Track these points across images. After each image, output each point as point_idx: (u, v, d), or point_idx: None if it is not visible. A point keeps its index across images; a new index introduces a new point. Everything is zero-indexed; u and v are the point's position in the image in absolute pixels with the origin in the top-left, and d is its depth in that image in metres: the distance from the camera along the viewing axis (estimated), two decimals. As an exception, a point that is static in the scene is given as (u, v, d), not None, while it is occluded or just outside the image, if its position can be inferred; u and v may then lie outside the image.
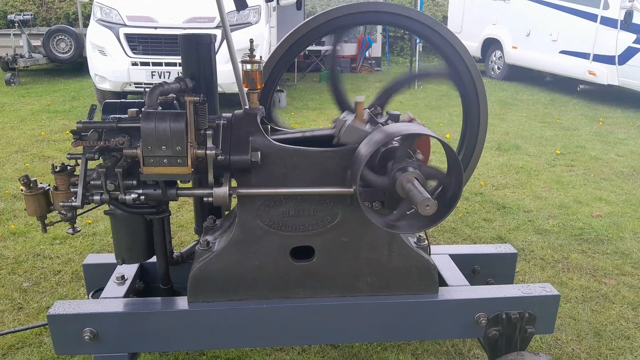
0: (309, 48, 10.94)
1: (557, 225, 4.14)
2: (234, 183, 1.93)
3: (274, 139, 1.93)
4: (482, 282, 2.46)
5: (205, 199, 1.89)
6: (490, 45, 12.35)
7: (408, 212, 1.88)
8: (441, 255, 2.41)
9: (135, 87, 7.60)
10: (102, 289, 2.20)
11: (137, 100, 1.97)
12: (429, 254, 2.11)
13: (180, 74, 2.09)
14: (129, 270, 2.27)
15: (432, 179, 1.90)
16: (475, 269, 2.49)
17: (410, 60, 11.53)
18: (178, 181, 1.89)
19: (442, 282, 2.21)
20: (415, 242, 2.11)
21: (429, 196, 1.64)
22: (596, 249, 3.75)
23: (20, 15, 11.13)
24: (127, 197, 1.84)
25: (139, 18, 7.63)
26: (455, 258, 2.42)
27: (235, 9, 3.09)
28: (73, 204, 1.83)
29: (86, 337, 1.89)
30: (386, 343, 2.64)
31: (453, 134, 6.85)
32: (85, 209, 1.90)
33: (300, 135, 2.15)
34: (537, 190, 4.93)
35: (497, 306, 2.06)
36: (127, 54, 7.52)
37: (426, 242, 2.13)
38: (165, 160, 1.74)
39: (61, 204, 1.84)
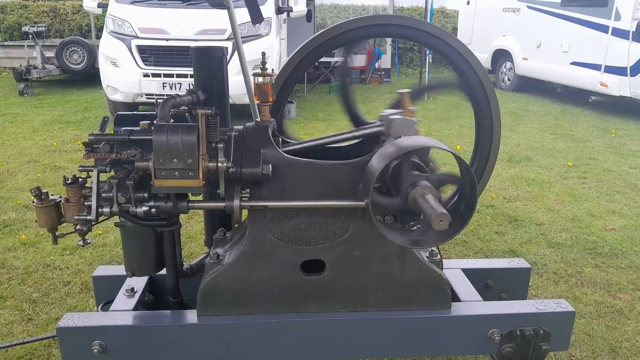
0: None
1: (570, 238, 4.08)
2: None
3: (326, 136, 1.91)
4: (495, 297, 2.42)
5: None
6: (501, 56, 12.32)
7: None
8: (454, 270, 2.38)
9: (147, 98, 7.66)
10: (111, 301, 2.19)
11: (149, 113, 1.97)
12: (442, 269, 2.08)
13: (191, 86, 2.10)
14: (139, 282, 2.26)
15: (445, 184, 1.87)
16: (488, 283, 2.46)
17: (420, 72, 11.53)
18: (189, 194, 1.89)
19: (455, 297, 2.18)
20: (427, 257, 2.08)
21: (444, 210, 1.62)
22: (610, 263, 3.69)
23: (34, 27, 11.30)
24: (138, 209, 1.84)
25: (151, 30, 7.72)
26: (468, 272, 2.39)
27: (248, 21, 3.11)
28: (88, 217, 1.83)
29: (95, 350, 1.88)
30: (397, 359, 2.60)
31: (464, 145, 6.82)
32: (96, 220, 1.90)
33: (351, 135, 2.14)
34: (550, 203, 4.87)
35: (511, 322, 2.02)
36: (138, 66, 7.60)
37: (438, 256, 2.10)
38: (176, 172, 1.74)
39: (76, 217, 1.84)
